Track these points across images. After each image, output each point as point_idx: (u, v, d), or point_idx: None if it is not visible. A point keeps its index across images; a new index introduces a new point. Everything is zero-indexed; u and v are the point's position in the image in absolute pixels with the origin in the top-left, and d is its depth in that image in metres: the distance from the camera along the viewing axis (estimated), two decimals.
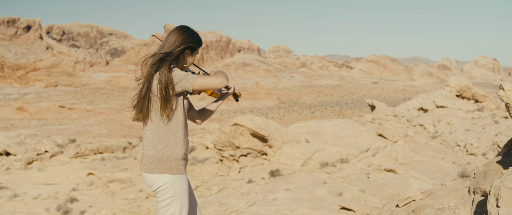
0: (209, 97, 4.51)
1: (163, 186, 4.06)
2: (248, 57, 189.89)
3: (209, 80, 3.98)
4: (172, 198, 4.07)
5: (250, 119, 22.52)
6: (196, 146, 33.35)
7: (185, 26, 4.23)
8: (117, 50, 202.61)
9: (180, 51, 4.12)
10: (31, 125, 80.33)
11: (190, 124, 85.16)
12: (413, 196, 5.47)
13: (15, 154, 34.82)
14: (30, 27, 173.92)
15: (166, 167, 4.05)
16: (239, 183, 20.17)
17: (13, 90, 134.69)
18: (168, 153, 4.05)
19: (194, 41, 4.19)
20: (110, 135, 67.45)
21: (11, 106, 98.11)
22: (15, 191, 24.39)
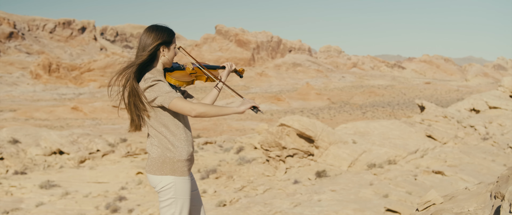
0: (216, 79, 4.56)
1: (165, 187, 4.13)
2: (299, 57, 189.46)
3: (181, 107, 3.95)
4: (173, 199, 4.13)
5: (297, 119, 22.50)
6: (244, 146, 33.48)
7: (152, 25, 4.24)
8: None
9: (153, 51, 4.13)
10: (85, 124, 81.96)
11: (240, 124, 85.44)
12: (433, 200, 5.38)
13: (68, 153, 35.62)
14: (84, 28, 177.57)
15: (169, 169, 4.11)
16: (285, 184, 20.18)
17: (68, 90, 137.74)
18: (170, 155, 4.12)
19: (164, 36, 4.18)
20: None
21: (66, 106, 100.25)
22: (67, 189, 24.97)
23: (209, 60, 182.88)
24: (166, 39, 4.17)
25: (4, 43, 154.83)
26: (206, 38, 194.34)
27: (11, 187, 26.06)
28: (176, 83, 4.25)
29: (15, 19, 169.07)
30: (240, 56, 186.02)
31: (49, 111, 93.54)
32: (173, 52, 4.27)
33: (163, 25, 4.25)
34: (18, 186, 26.17)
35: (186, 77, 4.35)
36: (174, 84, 4.27)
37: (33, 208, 21.69)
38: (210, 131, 76.03)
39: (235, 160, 27.35)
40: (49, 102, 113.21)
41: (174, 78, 4.26)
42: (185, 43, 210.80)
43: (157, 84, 4.00)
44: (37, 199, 23.36)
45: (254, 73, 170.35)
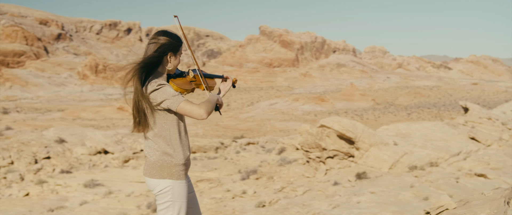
0: (206, 91, 4.60)
1: (162, 190, 4.21)
2: (343, 58, 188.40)
3: (190, 109, 4.04)
4: (171, 202, 4.22)
5: (337, 120, 22.42)
6: (286, 147, 33.52)
7: (162, 30, 4.34)
8: (213, 51, 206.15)
9: (161, 57, 4.21)
10: (130, 124, 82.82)
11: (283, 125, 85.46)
12: (446, 205, 5.32)
13: (113, 152, 36.20)
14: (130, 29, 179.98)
15: (167, 173, 4.20)
16: (325, 185, 20.13)
17: (114, 90, 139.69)
18: (169, 159, 4.20)
19: (173, 43, 4.27)
20: (205, 135, 68.67)
21: (113, 106, 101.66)
22: (110, 188, 25.39)
23: (253, 61, 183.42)
24: (174, 46, 4.27)
25: (52, 45, 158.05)
26: (250, 39, 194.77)
27: (57, 186, 26.62)
28: (178, 90, 4.33)
29: (63, 21, 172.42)
30: (284, 57, 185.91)
31: (96, 111, 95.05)
32: (179, 60, 4.36)
33: (173, 32, 4.35)
34: (63, 184, 26.72)
35: (187, 85, 4.44)
36: (175, 91, 4.33)
37: (77, 206, 22.12)
38: (254, 131, 76.22)
39: (276, 161, 27.42)
40: (96, 103, 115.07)
41: (177, 85, 4.35)
42: (229, 44, 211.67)
43: (163, 88, 4.09)
44: (81, 197, 23.82)
45: (298, 74, 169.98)
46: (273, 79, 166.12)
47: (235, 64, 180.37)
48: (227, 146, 40.47)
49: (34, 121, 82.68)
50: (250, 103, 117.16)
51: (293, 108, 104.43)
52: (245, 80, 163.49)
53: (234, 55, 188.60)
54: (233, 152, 36.45)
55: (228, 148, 39.52)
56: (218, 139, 46.31)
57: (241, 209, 18.11)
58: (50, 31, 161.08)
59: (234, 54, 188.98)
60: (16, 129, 70.46)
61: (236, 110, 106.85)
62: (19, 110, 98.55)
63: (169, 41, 4.25)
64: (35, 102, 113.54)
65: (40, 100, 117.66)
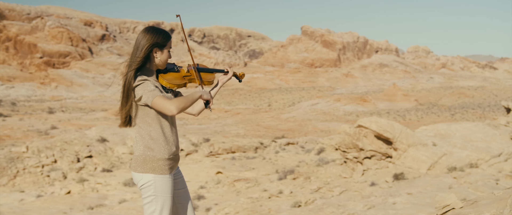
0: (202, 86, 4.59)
1: (145, 184, 4.26)
2: (386, 58, 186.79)
3: (162, 105, 4.07)
4: (153, 196, 4.25)
5: (374, 120, 22.24)
6: (325, 147, 33.37)
7: (149, 26, 4.37)
8: (255, 51, 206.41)
9: (146, 53, 4.25)
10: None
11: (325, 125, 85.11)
12: (453, 204, 5.21)
13: None
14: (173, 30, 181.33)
15: (149, 167, 4.24)
16: (362, 186, 20.00)
17: None
18: (151, 153, 4.25)
19: (158, 39, 4.30)
20: (246, 135, 68.83)
21: None
22: None
23: (295, 61, 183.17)
24: (159, 42, 4.30)
25: (96, 45, 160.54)
26: (291, 39, 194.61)
27: (97, 184, 27.06)
28: (167, 85, 4.35)
29: (107, 22, 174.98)
30: (325, 57, 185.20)
31: None
32: (167, 55, 4.39)
33: (159, 28, 4.39)
34: (103, 183, 27.15)
35: (178, 80, 4.44)
36: (165, 86, 4.38)
37: (116, 204, 22.43)
38: (295, 131, 76.11)
39: (314, 161, 27.32)
40: None
41: (166, 80, 4.37)
42: (271, 44, 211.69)
43: (143, 83, 4.15)
44: (120, 196, 24.15)
45: (340, 74, 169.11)
46: (315, 79, 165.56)
47: (277, 65, 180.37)
48: (266, 146, 40.49)
49: (79, 120, 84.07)
50: (291, 103, 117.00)
51: (334, 108, 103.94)
52: (286, 81, 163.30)
53: (275, 55, 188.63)
54: (272, 152, 36.46)
55: (268, 148, 39.54)
56: (258, 139, 46.38)
57: (276, 209, 18.12)
58: (95, 32, 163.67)
59: (275, 55, 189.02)
60: (61, 128, 71.83)
61: (278, 110, 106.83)
62: (64, 109, 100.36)
63: (154, 37, 4.29)
64: (79, 102, 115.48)
65: (85, 100, 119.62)
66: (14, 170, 33.26)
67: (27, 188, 30.65)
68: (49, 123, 78.33)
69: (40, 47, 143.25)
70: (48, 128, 71.42)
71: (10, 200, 25.61)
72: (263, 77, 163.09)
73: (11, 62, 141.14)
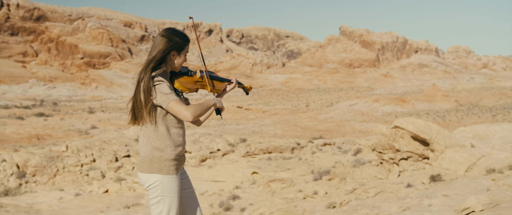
0: (210, 94, 4.63)
1: (152, 185, 4.28)
2: (425, 58, 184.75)
3: (178, 109, 4.12)
4: (161, 197, 4.27)
5: (411, 121, 22.00)
6: (362, 148, 33.15)
7: (169, 28, 4.39)
8: (293, 52, 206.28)
9: (164, 54, 4.28)
10: (210, 124, 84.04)
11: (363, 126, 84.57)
12: (473, 207, 5.09)
13: (190, 152, 36.79)
14: (211, 31, 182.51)
15: (156, 167, 4.26)
16: (398, 187, 19.80)
17: None
18: (158, 154, 4.27)
19: (177, 42, 4.33)
20: (284, 135, 68.77)
21: None
22: None
23: (333, 62, 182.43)
24: (178, 45, 4.34)
25: (136, 46, 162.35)
26: (330, 39, 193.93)
27: (134, 183, 27.33)
28: (180, 88, 4.40)
29: (146, 23, 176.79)
30: (364, 57, 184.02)
31: None
32: (183, 59, 4.43)
33: (179, 31, 4.42)
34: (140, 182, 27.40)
35: (191, 84, 4.49)
36: (177, 89, 4.42)
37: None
38: (333, 132, 75.82)
39: (350, 162, 27.16)
40: None
41: (180, 83, 4.41)
42: (309, 44, 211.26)
43: (159, 85, 4.17)
44: None
45: (379, 75, 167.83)
46: (353, 80, 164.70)
47: (315, 65, 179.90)
48: (303, 146, 40.40)
49: (118, 120, 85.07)
50: (329, 104, 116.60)
51: (373, 109, 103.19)
52: (324, 81, 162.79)
53: (314, 55, 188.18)
54: (309, 153, 36.36)
55: (304, 149, 39.45)
56: (295, 139, 46.30)
57: (311, 209, 18.06)
58: (134, 33, 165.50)
59: (314, 55, 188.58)
60: (100, 128, 72.86)
61: (315, 111, 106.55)
62: (104, 109, 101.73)
63: (174, 40, 4.32)
64: (119, 102, 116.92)
65: (124, 100, 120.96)
66: (54, 169, 33.82)
67: (67, 187, 31.14)
68: (89, 122, 79.50)
69: (81, 48, 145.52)
70: (88, 128, 72.52)
71: (50, 199, 26.05)
72: (301, 78, 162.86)
73: (53, 63, 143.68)
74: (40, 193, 27.86)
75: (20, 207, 21.93)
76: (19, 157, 33.81)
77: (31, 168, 33.35)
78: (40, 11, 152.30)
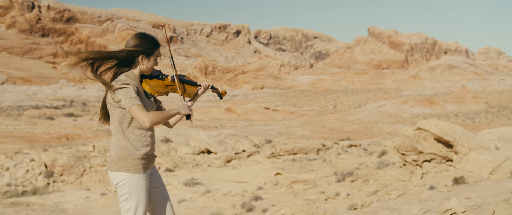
0: (181, 97, 4.69)
1: (120, 183, 4.41)
2: (455, 59, 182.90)
3: (138, 115, 4.23)
4: (128, 194, 4.40)
5: (434, 123, 21.84)
6: (388, 149, 33.01)
7: (140, 33, 4.51)
8: (321, 53, 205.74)
9: (130, 56, 4.40)
10: (238, 125, 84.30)
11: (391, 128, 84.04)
12: (454, 208, 5.09)
13: (216, 152, 36.97)
14: (239, 32, 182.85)
15: (123, 166, 4.39)
16: (420, 189, 19.68)
17: None
18: (125, 153, 4.39)
19: (146, 46, 4.44)
20: (311, 137, 68.70)
21: (221, 107, 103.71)
22: (209, 187, 25.99)
23: (361, 63, 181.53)
24: (146, 50, 4.45)
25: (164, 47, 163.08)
26: (358, 40, 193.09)
27: None
28: (150, 91, 4.50)
29: (175, 24, 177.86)
30: (393, 58, 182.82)
31: (204, 112, 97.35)
32: (153, 63, 4.53)
33: (150, 36, 4.53)
34: (164, 182, 27.61)
35: (161, 88, 4.60)
36: (147, 92, 4.51)
37: (175, 204, 22.81)
38: (361, 134, 75.56)
39: (374, 163, 27.06)
40: (205, 104, 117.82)
41: (149, 86, 4.51)
42: (337, 46, 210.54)
43: (125, 88, 4.29)
44: (180, 195, 24.55)
45: (407, 76, 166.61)
46: (381, 81, 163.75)
47: (343, 66, 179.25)
48: (328, 147, 40.35)
49: None
50: (357, 105, 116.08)
51: (401, 110, 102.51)
52: (352, 82, 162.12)
53: (342, 56, 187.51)
54: (334, 154, 36.32)
55: (330, 150, 39.40)
56: (321, 141, 46.25)
57: (332, 211, 18.05)
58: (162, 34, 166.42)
59: (342, 56, 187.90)
60: None
61: (343, 112, 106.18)
62: None
63: (142, 45, 4.44)
64: None
65: None
66: (81, 169, 34.28)
67: (93, 186, 31.53)
68: None
69: (110, 49, 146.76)
70: None
71: (76, 198, 26.41)
72: (329, 79, 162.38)
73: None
74: (67, 192, 28.26)
75: (46, 206, 22.29)
76: (47, 157, 34.32)
77: (58, 167, 33.84)
78: (70, 12, 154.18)
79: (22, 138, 62.83)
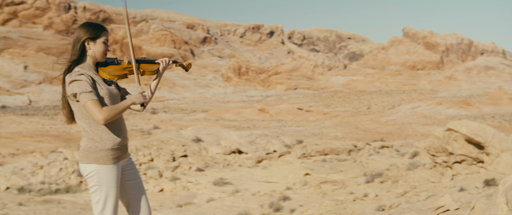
0: (137, 83, 4.65)
1: (89, 174, 4.43)
2: (492, 60, 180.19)
3: (92, 111, 4.24)
4: (97, 186, 4.42)
5: (465, 124, 21.56)
6: (420, 151, 32.68)
7: (82, 23, 4.52)
8: (355, 54, 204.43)
9: (79, 46, 4.41)
10: (271, 126, 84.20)
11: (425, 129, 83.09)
12: (447, 206, 4.98)
13: (247, 152, 37.01)
14: (273, 33, 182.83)
15: (92, 158, 4.40)
16: (450, 191, 19.45)
17: (256, 92, 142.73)
18: (94, 145, 4.40)
19: (89, 31, 4.43)
20: (344, 138, 68.31)
21: (254, 107, 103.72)
22: (238, 187, 26.08)
23: (396, 64, 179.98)
24: (90, 35, 4.44)
25: (198, 48, 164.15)
26: (393, 41, 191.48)
27: (188, 183, 27.74)
28: (108, 77, 4.51)
29: (208, 25, 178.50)
30: (428, 59, 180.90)
31: (238, 112, 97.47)
32: (102, 47, 4.51)
33: (92, 22, 4.52)
34: (194, 182, 27.80)
35: (118, 72, 4.59)
36: (105, 78, 4.51)
37: (204, 203, 22.93)
38: (395, 135, 74.86)
39: (405, 164, 26.82)
40: (238, 104, 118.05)
41: (106, 72, 4.51)
42: (371, 46, 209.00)
43: (79, 81, 4.29)
44: (209, 195, 24.67)
45: (442, 77, 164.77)
46: (416, 82, 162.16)
47: (377, 67, 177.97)
48: (360, 148, 40.12)
49: (180, 121, 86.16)
50: (391, 106, 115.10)
51: (436, 112, 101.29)
52: (387, 83, 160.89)
53: (376, 57, 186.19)
54: (365, 155, 36.08)
55: (361, 151, 39.16)
56: (352, 141, 45.98)
57: (360, 212, 17.95)
58: (196, 35, 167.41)
59: (376, 57, 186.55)
60: (162, 128, 73.99)
61: (377, 113, 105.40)
62: (166, 110, 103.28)
63: (84, 31, 4.44)
64: (181, 103, 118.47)
65: (186, 101, 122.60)
66: None
67: None
68: (152, 123, 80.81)
69: (145, 49, 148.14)
70: (150, 128, 73.76)
71: None
72: (363, 80, 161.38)
73: None
74: None
75: (77, 204, 22.58)
76: None
77: None
78: (105, 13, 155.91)
79: (57, 137, 63.79)
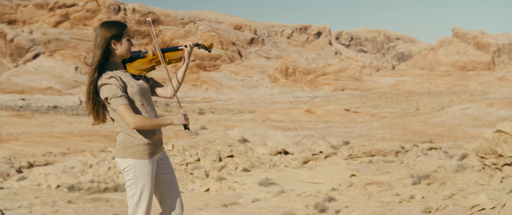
0: (174, 64, 4.67)
1: (126, 169, 4.50)
2: None
3: (123, 116, 4.35)
4: (133, 180, 4.48)
5: None
6: (469, 153, 32.15)
7: (103, 22, 4.51)
8: (403, 54, 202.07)
9: (104, 49, 4.43)
10: (318, 127, 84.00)
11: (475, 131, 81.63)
12: (483, 204, 4.85)
13: (293, 153, 36.99)
14: (320, 33, 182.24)
15: (129, 152, 4.47)
16: (499, 194, 19.05)
17: (303, 93, 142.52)
18: (130, 139, 4.47)
19: (112, 30, 4.46)
20: (392, 139, 67.63)
21: (301, 108, 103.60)
22: (283, 188, 26.09)
23: (445, 64, 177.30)
24: (114, 33, 4.46)
25: (245, 49, 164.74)
26: (442, 41, 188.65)
27: (234, 183, 27.89)
28: (136, 72, 4.55)
29: (256, 26, 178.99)
30: (478, 60, 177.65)
31: (284, 113, 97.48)
32: (127, 44, 4.56)
33: (112, 21, 4.54)
34: (240, 182, 27.93)
35: (145, 65, 4.63)
36: (134, 74, 4.55)
37: (249, 203, 23.02)
38: (444, 136, 73.79)
39: (454, 166, 26.42)
40: (285, 105, 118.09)
41: (134, 68, 4.56)
42: (420, 47, 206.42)
43: (109, 85, 4.37)
44: (254, 195, 24.75)
45: (494, 78, 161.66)
46: (466, 83, 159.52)
47: (426, 68, 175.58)
48: (408, 150, 39.66)
49: (227, 121, 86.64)
50: (440, 107, 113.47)
51: (487, 113, 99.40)
52: (436, 84, 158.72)
53: (425, 58, 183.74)
54: (413, 157, 35.63)
55: (409, 152, 38.71)
56: (400, 143, 45.49)
57: (406, 214, 17.77)
58: (244, 36, 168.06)
59: (425, 57, 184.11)
60: (210, 129, 74.55)
61: (425, 115, 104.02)
62: (213, 110, 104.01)
63: (107, 31, 4.46)
64: (228, 104, 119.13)
65: (233, 102, 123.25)
66: None
67: None
68: (199, 123, 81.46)
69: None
70: (198, 128, 74.37)
71: None
72: (412, 81, 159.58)
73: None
74: None
75: (124, 202, 22.93)
76: None
77: None
78: (154, 15, 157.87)
79: (107, 137, 64.98)
